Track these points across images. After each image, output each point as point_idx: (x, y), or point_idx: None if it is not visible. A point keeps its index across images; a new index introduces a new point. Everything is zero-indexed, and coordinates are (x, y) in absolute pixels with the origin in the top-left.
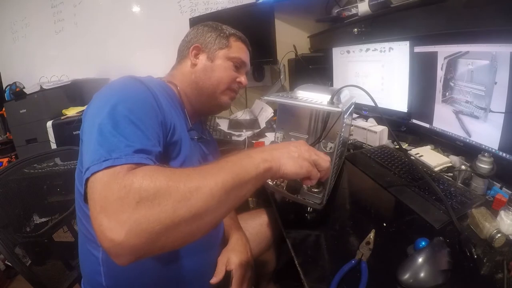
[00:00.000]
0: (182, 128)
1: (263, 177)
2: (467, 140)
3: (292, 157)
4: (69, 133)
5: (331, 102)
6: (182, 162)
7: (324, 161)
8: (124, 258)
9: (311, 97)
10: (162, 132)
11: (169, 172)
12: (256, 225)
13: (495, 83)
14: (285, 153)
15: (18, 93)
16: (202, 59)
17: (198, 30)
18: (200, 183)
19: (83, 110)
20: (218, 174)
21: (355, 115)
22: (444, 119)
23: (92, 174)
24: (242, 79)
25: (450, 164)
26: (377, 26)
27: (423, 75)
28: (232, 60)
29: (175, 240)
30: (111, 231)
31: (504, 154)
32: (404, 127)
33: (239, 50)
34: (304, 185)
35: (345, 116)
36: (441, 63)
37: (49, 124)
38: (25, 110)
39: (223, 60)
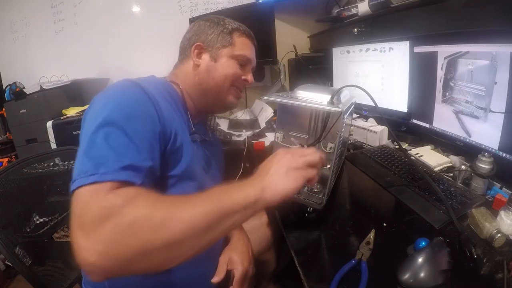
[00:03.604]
0: (184, 133)
1: (255, 208)
2: (467, 140)
3: (283, 175)
4: (69, 133)
5: (331, 102)
6: (184, 169)
7: (312, 155)
8: (95, 277)
9: (311, 97)
10: (160, 143)
11: (151, 199)
12: (256, 225)
13: (495, 83)
14: (273, 175)
15: (18, 93)
16: (205, 59)
17: (200, 26)
18: (180, 212)
19: (83, 110)
20: (202, 203)
21: (355, 115)
22: (444, 119)
23: (78, 187)
24: (248, 77)
25: (450, 164)
26: (377, 26)
27: (423, 75)
28: (236, 58)
29: (150, 266)
30: (86, 250)
31: (504, 154)
32: (404, 127)
33: (244, 47)
34: (304, 185)
35: (345, 116)
36: (441, 63)
37: (49, 124)
38: (25, 110)
39: (227, 59)
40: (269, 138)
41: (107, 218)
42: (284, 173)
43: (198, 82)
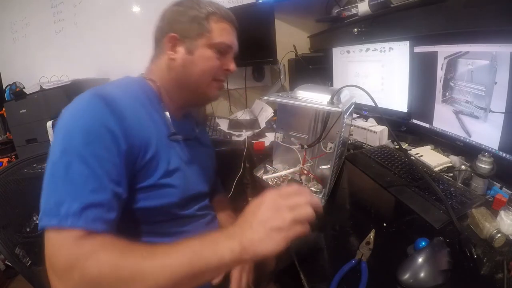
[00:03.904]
0: (160, 138)
1: (229, 266)
2: (467, 140)
3: (265, 236)
4: None
5: (331, 102)
6: (160, 178)
7: (303, 207)
8: None
9: (311, 97)
10: (127, 161)
11: (116, 251)
12: None
13: (495, 83)
14: (255, 234)
15: (18, 93)
16: (180, 52)
17: (172, 14)
18: (148, 268)
19: None
20: (172, 260)
21: (355, 115)
22: (444, 119)
23: (44, 227)
24: (230, 66)
25: (450, 164)
26: (377, 26)
27: (423, 75)
28: (215, 47)
29: None
30: None
31: (504, 154)
32: (404, 127)
33: (222, 33)
34: (304, 185)
35: (345, 116)
36: (441, 63)
37: (49, 124)
38: (25, 110)
39: (205, 50)
40: (269, 138)
41: (74, 268)
42: (266, 233)
43: (175, 78)
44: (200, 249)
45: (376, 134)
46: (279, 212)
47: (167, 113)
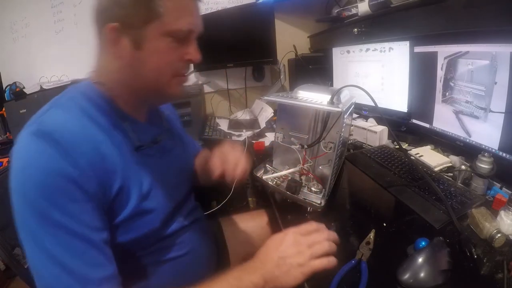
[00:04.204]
0: (125, 159)
1: None
2: (467, 140)
3: (286, 272)
4: None
5: (331, 102)
6: (136, 204)
7: (321, 244)
8: None
9: (311, 97)
10: (99, 200)
11: None
12: (256, 226)
13: (495, 83)
14: (276, 271)
15: (18, 93)
16: (125, 46)
17: None
18: None
19: None
20: None
21: (355, 115)
22: (444, 119)
23: None
24: (193, 54)
25: (450, 164)
26: (377, 26)
27: (423, 75)
28: (171, 34)
29: None
30: None
31: (504, 154)
32: (404, 127)
33: (180, 14)
34: (304, 185)
35: (345, 116)
36: (441, 63)
37: None
38: (25, 110)
39: (157, 41)
40: (269, 138)
41: None
42: (287, 269)
43: (124, 80)
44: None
45: (376, 134)
46: (299, 249)
47: (127, 124)
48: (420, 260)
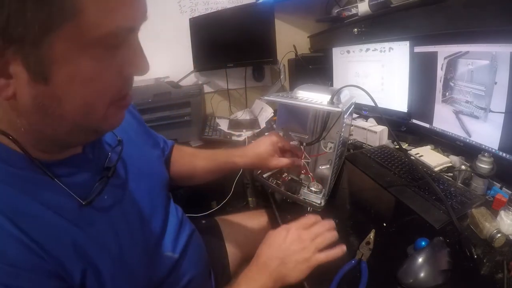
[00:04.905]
0: (70, 223)
1: None
2: (467, 140)
3: (292, 268)
4: None
5: (331, 102)
6: (111, 274)
7: (323, 236)
8: None
9: (311, 97)
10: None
11: None
12: (256, 226)
13: (495, 83)
14: (282, 268)
15: None
16: (20, 79)
17: None
18: None
19: None
20: None
21: (355, 115)
22: (444, 119)
23: None
24: (137, 62)
25: (450, 164)
26: (377, 26)
27: (423, 75)
28: (97, 44)
29: None
30: None
31: (504, 154)
32: (404, 127)
33: (106, 5)
34: (304, 185)
35: (345, 116)
36: (441, 63)
37: None
38: None
39: (75, 59)
40: None
41: None
42: (293, 265)
43: (30, 128)
44: None
45: (376, 134)
46: (303, 245)
47: (57, 181)
48: (420, 260)
